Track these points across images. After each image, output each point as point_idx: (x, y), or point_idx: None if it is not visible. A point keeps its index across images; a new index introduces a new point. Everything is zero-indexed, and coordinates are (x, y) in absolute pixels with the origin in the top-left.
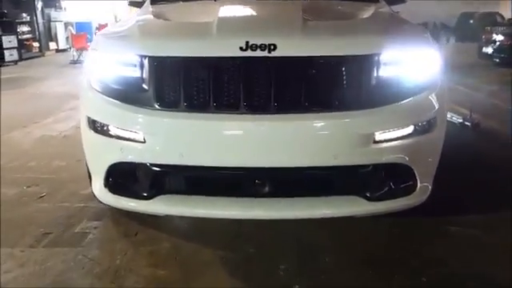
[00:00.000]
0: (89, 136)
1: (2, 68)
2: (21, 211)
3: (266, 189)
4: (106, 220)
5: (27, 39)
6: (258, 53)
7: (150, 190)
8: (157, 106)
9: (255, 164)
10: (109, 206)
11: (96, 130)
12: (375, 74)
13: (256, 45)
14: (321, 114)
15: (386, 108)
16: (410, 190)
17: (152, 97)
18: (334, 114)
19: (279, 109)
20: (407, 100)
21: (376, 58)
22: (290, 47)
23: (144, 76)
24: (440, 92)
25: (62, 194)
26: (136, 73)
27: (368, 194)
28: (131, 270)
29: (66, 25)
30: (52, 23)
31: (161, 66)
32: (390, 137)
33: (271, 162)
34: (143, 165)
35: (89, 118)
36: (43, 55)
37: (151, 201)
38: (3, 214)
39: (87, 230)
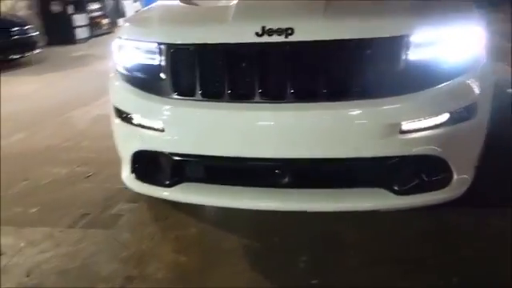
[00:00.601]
0: (116, 123)
1: (73, 46)
2: (67, 191)
3: (286, 179)
4: (142, 203)
5: (97, 16)
6: (275, 38)
7: (172, 178)
8: (174, 95)
9: (272, 155)
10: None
11: (121, 118)
12: (404, 58)
13: (272, 29)
14: (340, 103)
15: (415, 95)
16: (443, 183)
17: (169, 85)
18: (354, 102)
19: (296, 97)
20: (441, 85)
21: (405, 39)
22: (307, 31)
23: (162, 64)
24: (482, 74)
25: (105, 174)
26: (155, 61)
27: (396, 187)
28: (155, 256)
29: (135, 1)
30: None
31: (177, 54)
32: (420, 126)
33: (289, 152)
34: (164, 153)
35: (114, 106)
36: (113, 32)
37: (173, 188)
38: (54, 193)
39: (122, 213)
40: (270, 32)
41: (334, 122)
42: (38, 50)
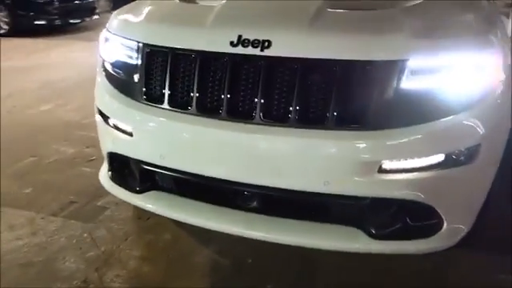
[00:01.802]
0: (96, 119)
1: None
2: (66, 173)
3: (254, 204)
4: None
5: None
6: (249, 50)
7: (141, 184)
8: (144, 100)
9: (236, 178)
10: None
11: (100, 115)
12: (396, 86)
13: (248, 40)
14: (313, 132)
15: (403, 131)
16: (430, 231)
17: (140, 89)
18: (327, 132)
19: (266, 120)
20: (437, 121)
21: (401, 64)
22: (285, 45)
23: (138, 65)
24: (495, 109)
25: None
26: (132, 60)
27: (372, 230)
28: (120, 260)
29: None
30: None
31: (151, 56)
32: (404, 167)
33: (252, 178)
34: (133, 159)
35: (95, 103)
36: None
37: (141, 195)
38: (53, 174)
39: (108, 205)
40: (246, 43)
41: (303, 152)
42: (96, 16)
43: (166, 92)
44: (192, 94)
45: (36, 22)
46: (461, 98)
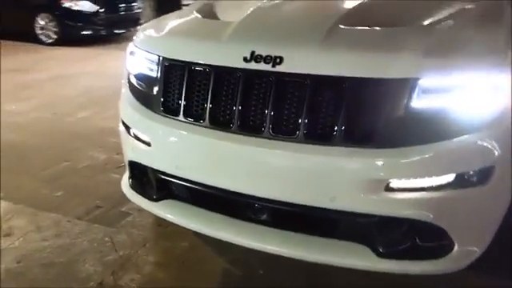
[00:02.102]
0: (119, 129)
1: None
2: (96, 179)
3: (264, 216)
4: None
5: None
6: (261, 66)
7: (158, 192)
8: (161, 112)
9: (245, 190)
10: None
11: (123, 124)
12: (407, 104)
13: (261, 56)
14: (320, 148)
15: (412, 149)
16: (440, 252)
17: (158, 101)
18: (335, 148)
19: (274, 134)
20: (448, 141)
21: (412, 83)
22: (296, 62)
23: (157, 78)
24: (509, 132)
25: None
26: (153, 74)
27: (380, 249)
28: (137, 265)
29: None
30: None
31: (169, 69)
32: (412, 186)
33: (260, 191)
34: (150, 167)
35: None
36: None
37: (158, 204)
38: (83, 179)
39: (130, 211)
40: (258, 59)
41: (310, 167)
42: (139, 27)
43: (182, 104)
44: (206, 107)
45: (83, 32)
46: (474, 117)
